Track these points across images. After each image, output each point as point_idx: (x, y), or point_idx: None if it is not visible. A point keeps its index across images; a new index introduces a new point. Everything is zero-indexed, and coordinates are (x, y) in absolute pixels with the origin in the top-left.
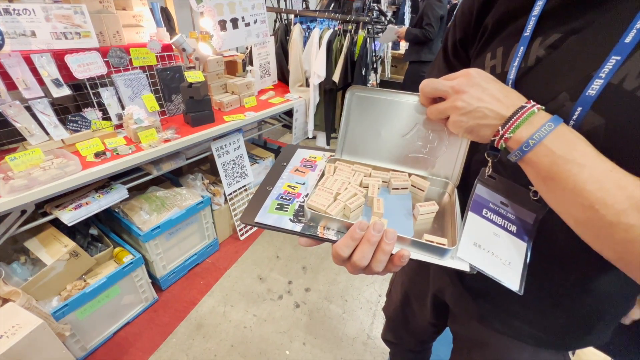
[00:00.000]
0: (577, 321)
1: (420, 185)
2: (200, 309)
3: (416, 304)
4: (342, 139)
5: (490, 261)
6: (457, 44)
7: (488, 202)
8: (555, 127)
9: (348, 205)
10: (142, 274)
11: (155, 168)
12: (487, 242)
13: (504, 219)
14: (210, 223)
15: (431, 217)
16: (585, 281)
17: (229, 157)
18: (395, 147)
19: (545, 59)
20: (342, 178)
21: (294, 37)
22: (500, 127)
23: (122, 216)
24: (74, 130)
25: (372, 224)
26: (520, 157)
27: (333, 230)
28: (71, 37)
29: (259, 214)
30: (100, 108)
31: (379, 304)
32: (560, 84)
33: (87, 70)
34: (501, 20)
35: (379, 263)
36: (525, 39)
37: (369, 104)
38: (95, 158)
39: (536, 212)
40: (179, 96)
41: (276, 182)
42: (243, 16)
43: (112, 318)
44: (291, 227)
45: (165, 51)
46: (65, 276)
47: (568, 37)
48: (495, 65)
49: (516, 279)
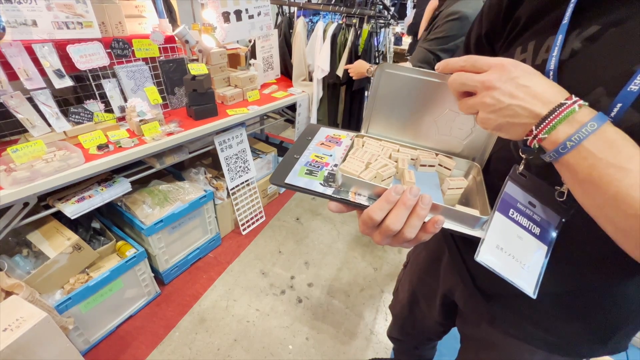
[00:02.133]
0: (594, 329)
1: (447, 164)
2: (203, 303)
3: (424, 303)
4: (368, 116)
5: (509, 264)
6: (483, 38)
7: (516, 201)
8: (598, 127)
9: (380, 173)
10: (144, 268)
11: (158, 161)
12: (509, 244)
13: (529, 221)
14: (212, 217)
15: (459, 193)
16: (606, 288)
17: (232, 151)
18: (423, 128)
19: (582, 51)
20: (372, 150)
21: (297, 30)
22: (534, 126)
23: (124, 210)
24: (76, 122)
25: (409, 188)
26: (556, 158)
27: (364, 196)
28: (73, 27)
29: (289, 176)
30: (102, 100)
31: (381, 300)
32: (597, 78)
33: (90, 61)
34: (534, 13)
35: (412, 228)
36: (563, 27)
37: (398, 82)
38: (98, 151)
39: (561, 215)
40: (181, 89)
41: (303, 152)
42: (247, 8)
43: (115, 311)
44: (322, 190)
45: (167, 43)
46: (69, 269)
47: (608, 29)
48: (525, 59)
49: (532, 282)
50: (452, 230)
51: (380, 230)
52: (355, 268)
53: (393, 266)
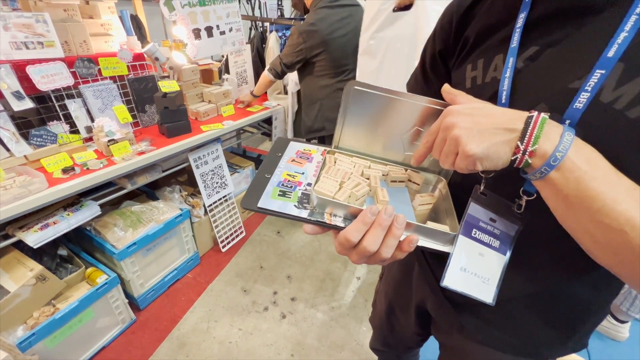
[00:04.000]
0: (554, 329)
1: (416, 179)
2: (183, 327)
3: (401, 314)
4: (338, 132)
5: (471, 282)
6: (437, 56)
7: (479, 220)
8: (574, 137)
9: (354, 193)
10: (117, 295)
11: (130, 182)
12: (472, 264)
13: (490, 236)
14: (190, 236)
15: (428, 208)
16: (563, 289)
17: (208, 167)
18: (391, 143)
19: (524, 70)
20: (344, 168)
21: (270, 45)
22: (518, 141)
23: (94, 234)
24: (38, 145)
25: (384, 209)
26: (545, 174)
27: (340, 217)
28: (33, 47)
29: (261, 199)
30: (67, 121)
31: (365, 309)
32: (539, 95)
33: (52, 81)
34: (481, 33)
35: (388, 248)
36: (513, 50)
37: (366, 100)
38: (63, 174)
39: (518, 224)
40: (153, 106)
41: (274, 171)
42: (218, 24)
43: (86, 344)
44: (297, 213)
45: (137, 60)
46: (32, 302)
47: (545, 49)
48: (476, 76)
49: (491, 292)
50: (425, 247)
51: (357, 250)
52: (338, 279)
53: (376, 275)
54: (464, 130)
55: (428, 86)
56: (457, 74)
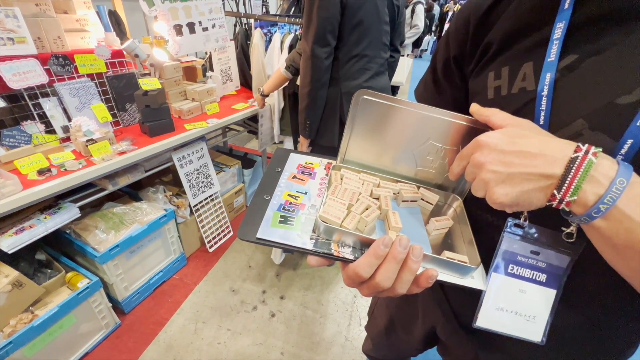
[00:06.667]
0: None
1: (429, 198)
2: (169, 330)
3: (402, 331)
4: (345, 144)
5: (513, 321)
6: (451, 61)
7: (516, 255)
8: (628, 182)
9: (364, 219)
10: (100, 299)
11: (111, 183)
12: (511, 302)
13: (533, 270)
14: (175, 237)
15: (443, 232)
16: (601, 321)
17: (193, 166)
18: (401, 158)
19: (559, 82)
20: (352, 187)
21: (255, 41)
22: (555, 190)
23: (74, 237)
24: (10, 146)
25: (398, 240)
26: (587, 222)
27: (348, 246)
28: (3, 44)
29: (260, 229)
30: (42, 120)
31: (354, 305)
32: (576, 109)
33: (24, 79)
34: (507, 37)
35: (404, 284)
36: (550, 64)
37: (376, 110)
38: (39, 176)
39: (570, 255)
40: (134, 105)
41: (274, 191)
42: (200, 20)
43: (68, 350)
44: (301, 244)
45: (116, 57)
46: (8, 310)
47: (586, 59)
48: (500, 86)
49: (539, 330)
50: (443, 281)
51: (368, 285)
52: (327, 275)
53: None
54: (492, 175)
55: (440, 94)
56: (476, 82)
